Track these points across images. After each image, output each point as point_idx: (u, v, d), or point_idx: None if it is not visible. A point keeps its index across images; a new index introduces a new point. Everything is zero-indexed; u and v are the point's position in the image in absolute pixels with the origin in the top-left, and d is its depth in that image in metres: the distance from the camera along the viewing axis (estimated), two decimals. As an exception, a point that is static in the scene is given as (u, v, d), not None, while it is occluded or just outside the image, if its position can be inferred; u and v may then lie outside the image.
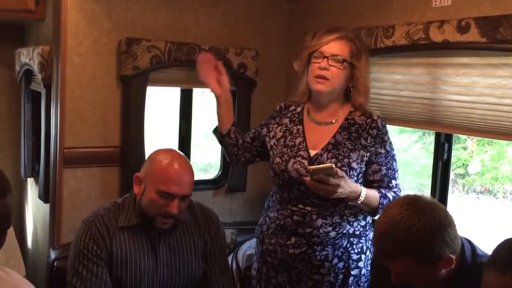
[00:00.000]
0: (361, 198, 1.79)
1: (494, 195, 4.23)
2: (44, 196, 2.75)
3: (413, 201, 1.41)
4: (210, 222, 1.87)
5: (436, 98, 2.11)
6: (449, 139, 2.22)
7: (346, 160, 1.83)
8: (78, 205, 2.48)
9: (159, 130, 4.44)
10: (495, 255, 1.18)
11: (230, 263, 2.01)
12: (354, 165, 1.83)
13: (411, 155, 4.47)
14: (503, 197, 4.19)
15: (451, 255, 1.39)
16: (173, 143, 2.95)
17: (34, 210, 3.20)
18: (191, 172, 1.75)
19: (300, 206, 1.86)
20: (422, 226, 1.35)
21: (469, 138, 4.04)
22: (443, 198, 2.23)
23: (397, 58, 2.23)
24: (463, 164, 4.20)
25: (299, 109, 1.98)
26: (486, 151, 4.16)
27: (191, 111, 2.89)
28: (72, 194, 2.48)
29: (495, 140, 3.89)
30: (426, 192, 2.44)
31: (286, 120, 1.98)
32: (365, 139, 1.86)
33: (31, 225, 3.28)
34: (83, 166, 2.50)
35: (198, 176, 3.22)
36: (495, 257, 1.18)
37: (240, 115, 2.78)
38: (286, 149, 1.90)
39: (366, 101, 1.91)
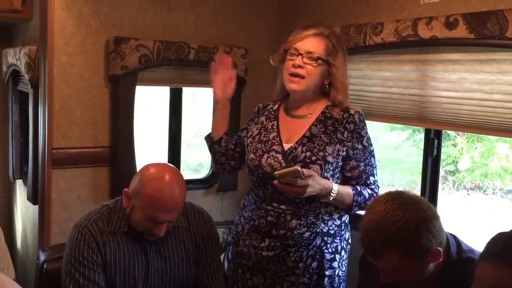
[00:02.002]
0: (333, 194, 1.76)
1: (484, 191, 4.26)
2: (33, 197, 2.72)
3: (396, 196, 1.42)
4: (202, 225, 1.84)
5: (425, 94, 2.12)
6: (438, 135, 2.23)
7: (321, 153, 1.79)
8: (67, 206, 2.46)
9: (149, 129, 4.42)
10: (490, 247, 1.18)
11: (222, 262, 2.00)
12: (329, 158, 1.80)
13: (401, 153, 4.49)
14: (493, 193, 4.22)
15: (438, 248, 1.39)
16: (163, 142, 2.93)
17: (23, 212, 3.17)
18: (181, 195, 1.67)
19: (275, 204, 1.83)
20: (408, 219, 1.35)
21: (459, 135, 4.06)
22: (433, 194, 2.24)
23: (386, 55, 2.24)
24: (453, 161, 4.23)
25: (275, 107, 1.97)
26: (476, 148, 4.19)
27: (181, 109, 2.87)
28: (61, 195, 2.46)
29: (484, 137, 3.92)
30: (417, 189, 2.45)
31: (263, 118, 1.96)
32: (341, 133, 1.82)
33: (20, 227, 3.25)
34: (72, 167, 2.47)
35: (189, 175, 3.20)
36: (489, 249, 1.18)
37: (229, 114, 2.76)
38: (260, 144, 1.88)
39: (345, 98, 1.86)
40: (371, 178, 1.85)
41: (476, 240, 1.61)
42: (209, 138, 2.07)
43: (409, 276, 1.43)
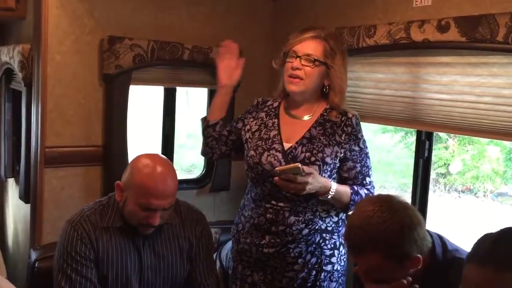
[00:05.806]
0: (331, 193, 1.82)
1: (475, 194, 4.29)
2: (25, 196, 2.71)
3: (386, 199, 1.45)
4: (196, 223, 1.85)
5: (417, 96, 2.14)
6: (430, 137, 2.25)
7: (320, 154, 1.85)
8: (59, 205, 2.45)
9: (142, 129, 4.42)
10: (476, 249, 1.19)
11: (214, 261, 2.01)
12: (328, 160, 1.86)
13: (393, 155, 4.52)
14: (484, 196, 4.25)
15: (419, 255, 1.41)
16: (157, 142, 2.93)
17: (14, 211, 3.16)
18: (174, 181, 1.68)
19: (273, 202, 1.88)
20: (394, 222, 1.38)
21: (451, 137, 4.09)
22: (424, 195, 2.26)
23: (379, 57, 2.26)
24: (445, 164, 4.26)
25: (275, 104, 2.02)
26: (467, 151, 4.23)
27: (174, 109, 2.88)
28: (54, 194, 2.45)
29: (475, 140, 3.96)
30: (408, 191, 2.47)
31: (263, 114, 2.01)
32: (339, 136, 1.89)
33: (11, 226, 3.24)
34: (65, 166, 2.47)
35: (181, 175, 3.20)
36: (476, 251, 1.19)
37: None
38: (260, 142, 1.93)
39: (342, 101, 1.94)
40: (367, 179, 1.92)
41: (466, 242, 1.63)
42: (204, 120, 2.10)
43: (385, 278, 1.43)
